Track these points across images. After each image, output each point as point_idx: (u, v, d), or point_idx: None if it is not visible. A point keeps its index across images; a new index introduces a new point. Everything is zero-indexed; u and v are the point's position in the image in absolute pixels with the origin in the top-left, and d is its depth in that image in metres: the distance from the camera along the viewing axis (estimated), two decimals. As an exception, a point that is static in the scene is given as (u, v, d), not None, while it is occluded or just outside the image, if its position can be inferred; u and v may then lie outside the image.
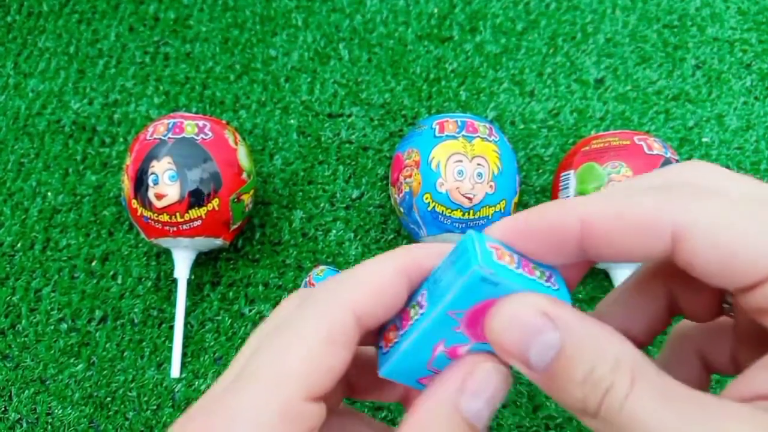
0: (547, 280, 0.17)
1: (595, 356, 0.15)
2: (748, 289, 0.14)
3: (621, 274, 0.41)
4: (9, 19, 0.57)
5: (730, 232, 0.14)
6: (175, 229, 0.40)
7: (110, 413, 0.41)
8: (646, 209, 0.15)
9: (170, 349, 0.43)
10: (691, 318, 0.19)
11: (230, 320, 0.44)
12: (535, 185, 0.49)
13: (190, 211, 0.40)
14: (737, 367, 0.19)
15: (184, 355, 0.43)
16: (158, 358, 0.43)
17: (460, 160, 0.40)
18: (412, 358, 0.18)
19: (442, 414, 0.17)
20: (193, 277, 0.46)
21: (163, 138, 0.41)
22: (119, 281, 0.46)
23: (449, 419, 0.17)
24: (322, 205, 0.48)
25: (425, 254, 0.18)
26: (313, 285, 0.42)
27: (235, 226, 0.43)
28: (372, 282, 0.17)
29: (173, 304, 0.45)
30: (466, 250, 0.17)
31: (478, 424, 0.17)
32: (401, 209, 0.43)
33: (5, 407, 0.42)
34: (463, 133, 0.41)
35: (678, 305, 0.19)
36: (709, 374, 0.20)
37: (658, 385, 0.14)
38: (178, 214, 0.40)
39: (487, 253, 0.16)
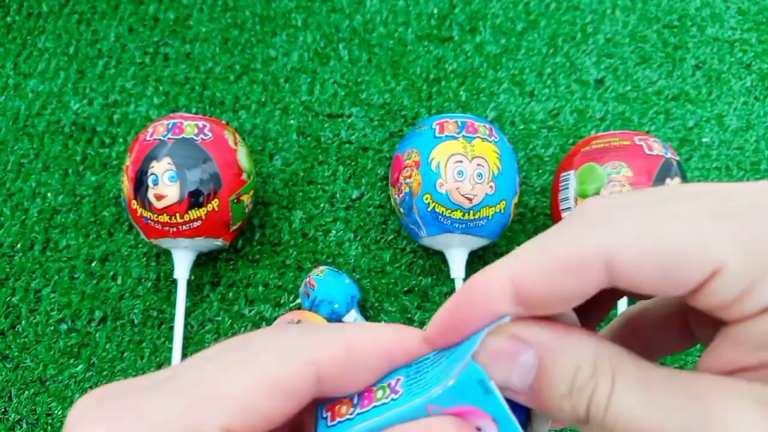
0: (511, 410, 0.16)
1: (574, 365, 0.15)
2: (696, 290, 0.14)
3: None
4: (9, 19, 0.57)
5: (655, 240, 0.13)
6: (174, 229, 0.40)
7: (110, 414, 0.41)
8: (569, 250, 0.14)
9: (170, 350, 0.43)
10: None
11: (230, 321, 0.44)
12: (535, 185, 0.49)
13: (189, 212, 0.40)
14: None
15: (184, 355, 0.43)
16: (158, 359, 0.43)
17: (460, 160, 0.40)
18: None
19: None
20: (192, 277, 0.46)
21: (162, 139, 0.41)
22: (119, 282, 0.45)
23: None
24: (322, 205, 0.48)
25: (415, 336, 0.17)
26: (313, 285, 0.42)
27: (234, 227, 0.43)
28: (349, 342, 0.16)
29: (173, 305, 0.44)
30: (466, 352, 0.16)
31: None
32: (401, 209, 0.43)
33: (5, 408, 0.42)
34: (463, 133, 0.41)
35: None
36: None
37: (638, 378, 0.14)
38: (177, 214, 0.40)
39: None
